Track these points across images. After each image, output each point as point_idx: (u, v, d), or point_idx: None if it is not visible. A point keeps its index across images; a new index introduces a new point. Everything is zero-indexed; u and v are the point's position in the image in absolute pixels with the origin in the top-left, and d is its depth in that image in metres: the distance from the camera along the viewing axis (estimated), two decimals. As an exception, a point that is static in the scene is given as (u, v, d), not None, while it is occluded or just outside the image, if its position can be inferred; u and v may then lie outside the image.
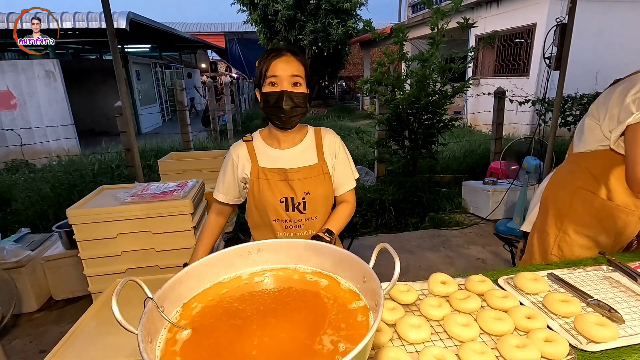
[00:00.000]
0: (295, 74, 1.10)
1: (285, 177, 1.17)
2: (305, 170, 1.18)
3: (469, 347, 0.78)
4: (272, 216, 1.19)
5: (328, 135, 1.25)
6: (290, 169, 1.17)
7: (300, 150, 1.21)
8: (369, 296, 0.66)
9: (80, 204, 1.49)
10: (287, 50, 1.13)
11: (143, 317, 0.56)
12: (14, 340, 2.25)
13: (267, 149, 1.20)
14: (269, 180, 1.17)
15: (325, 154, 1.22)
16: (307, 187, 1.17)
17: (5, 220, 3.62)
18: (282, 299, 0.70)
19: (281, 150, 1.20)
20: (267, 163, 1.18)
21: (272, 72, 1.09)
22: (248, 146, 1.20)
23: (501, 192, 3.60)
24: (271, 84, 1.10)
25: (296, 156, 1.20)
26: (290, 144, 1.21)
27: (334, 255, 0.75)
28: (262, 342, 0.59)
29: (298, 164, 1.19)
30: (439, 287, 1.02)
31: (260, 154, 1.19)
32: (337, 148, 1.24)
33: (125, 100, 3.15)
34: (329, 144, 1.23)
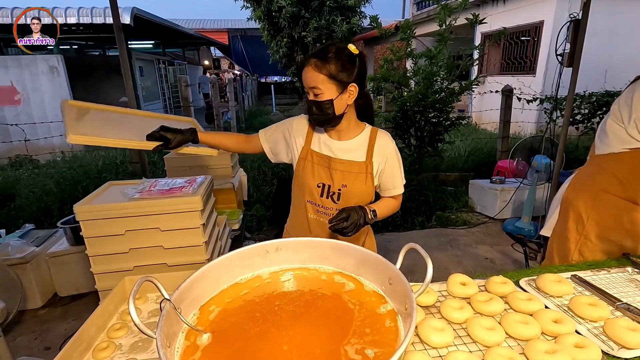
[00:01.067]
0: (313, 85, 1.12)
1: (328, 164, 1.22)
2: (348, 164, 1.21)
3: (496, 352, 0.75)
4: (307, 197, 1.26)
5: (383, 138, 1.25)
6: (335, 158, 1.22)
7: (351, 145, 1.23)
8: (397, 299, 0.63)
9: (87, 200, 1.46)
10: (313, 55, 1.13)
11: (161, 321, 0.52)
12: (19, 337, 2.23)
13: (323, 135, 1.25)
14: (314, 162, 1.23)
15: (374, 155, 1.23)
16: (345, 180, 1.21)
17: (9, 216, 3.60)
18: (303, 301, 0.67)
19: (334, 141, 1.24)
20: (318, 147, 1.24)
21: (304, 83, 1.15)
22: (310, 125, 1.26)
23: (509, 191, 3.55)
24: (306, 91, 1.17)
25: (346, 149, 1.23)
26: (343, 137, 1.24)
27: (356, 255, 0.72)
28: (285, 349, 0.56)
29: (345, 156, 1.22)
30: (458, 289, 0.99)
31: (316, 137, 1.25)
32: (390, 152, 1.24)
33: (132, 96, 3.11)
34: (382, 146, 1.24)
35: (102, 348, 1.08)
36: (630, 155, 1.22)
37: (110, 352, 1.07)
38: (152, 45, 14.37)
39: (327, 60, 1.10)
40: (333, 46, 1.13)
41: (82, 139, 1.16)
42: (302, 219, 1.29)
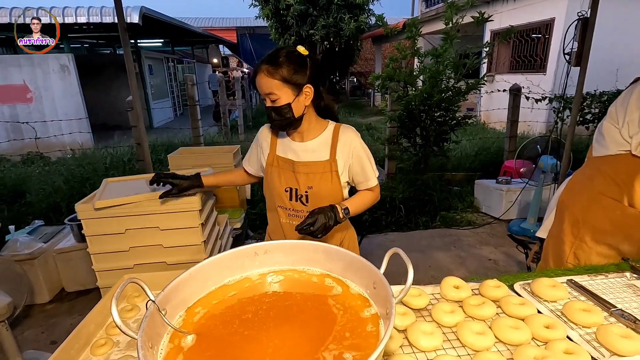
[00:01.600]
0: (268, 92, 1.13)
1: (292, 167, 1.23)
2: (312, 165, 1.22)
3: (484, 356, 0.75)
4: (277, 202, 1.28)
5: (347, 133, 1.24)
6: (298, 161, 1.22)
7: (313, 146, 1.23)
8: (380, 303, 0.63)
9: (88, 199, 1.49)
10: (264, 61, 1.13)
11: (144, 322, 0.53)
12: (27, 331, 2.29)
13: (286, 139, 1.27)
14: (280, 168, 1.25)
15: (338, 152, 1.22)
16: (310, 182, 1.21)
17: (19, 212, 3.69)
18: (290, 303, 0.67)
19: (296, 143, 1.25)
20: (282, 152, 1.26)
21: (259, 90, 1.16)
22: (273, 132, 1.29)
23: (515, 191, 3.51)
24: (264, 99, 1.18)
25: (308, 151, 1.23)
26: (304, 138, 1.24)
27: (343, 258, 0.72)
28: (268, 351, 0.57)
29: (307, 158, 1.23)
30: (451, 292, 0.99)
31: (280, 142, 1.27)
32: (355, 147, 1.23)
33: (136, 95, 3.15)
34: (346, 142, 1.23)
35: (100, 344, 1.10)
36: (626, 158, 1.19)
37: (108, 349, 1.10)
38: (161, 43, 14.51)
39: (278, 64, 1.10)
40: (282, 50, 1.13)
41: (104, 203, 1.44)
42: (276, 223, 1.31)
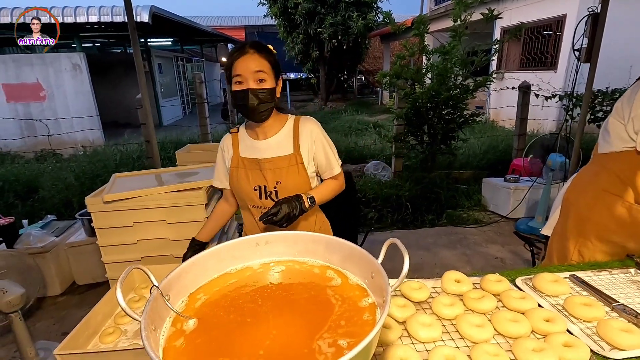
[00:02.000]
0: (259, 69, 1.11)
1: (259, 166, 1.23)
2: (277, 160, 1.22)
3: (482, 348, 0.75)
4: (248, 202, 1.28)
5: (307, 124, 1.26)
6: (263, 159, 1.22)
7: (276, 141, 1.24)
8: (377, 293, 0.64)
9: (98, 193, 1.53)
10: (250, 45, 1.14)
11: (147, 305, 0.55)
12: (39, 322, 2.35)
13: (247, 139, 1.26)
14: (246, 169, 1.24)
15: (301, 144, 1.24)
16: (278, 177, 1.22)
17: (33, 207, 3.78)
18: (289, 293, 0.69)
19: (259, 141, 1.25)
20: (246, 153, 1.25)
21: (237, 70, 1.11)
22: (233, 137, 1.28)
23: (523, 189, 3.48)
24: (238, 83, 1.13)
25: (271, 147, 1.24)
26: (267, 135, 1.25)
27: (342, 249, 0.73)
28: (267, 337, 0.58)
29: (272, 154, 1.23)
30: (452, 286, 0.99)
31: (242, 144, 1.26)
32: (316, 136, 1.25)
33: (145, 93, 3.20)
34: (307, 133, 1.25)
35: (109, 333, 1.14)
36: (631, 155, 1.18)
37: (116, 337, 1.13)
38: (170, 42, 14.65)
39: (265, 50, 1.14)
40: (259, 42, 1.15)
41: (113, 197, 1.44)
42: (251, 222, 1.32)
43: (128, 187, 1.52)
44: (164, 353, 0.55)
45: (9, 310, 1.76)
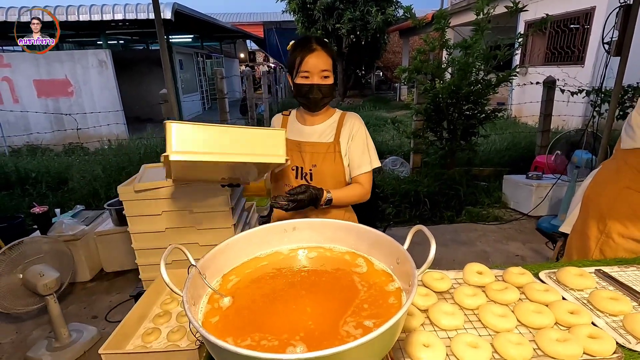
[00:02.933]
0: (325, 68, 1.23)
1: (299, 148, 1.33)
2: (317, 145, 1.32)
3: (505, 337, 0.76)
4: (284, 180, 1.36)
5: (351, 119, 1.36)
6: (304, 142, 1.33)
7: (320, 129, 1.35)
8: (403, 278, 0.66)
9: (129, 182, 1.60)
10: (317, 42, 1.24)
11: (187, 282, 0.59)
12: (70, 306, 2.48)
13: (295, 123, 1.37)
14: (288, 149, 1.26)
15: (341, 136, 1.34)
16: (315, 161, 1.31)
17: (63, 198, 3.96)
18: (317, 276, 0.72)
19: (305, 127, 1.36)
20: (291, 135, 1.34)
21: (305, 67, 1.23)
22: (283, 119, 1.40)
23: (546, 187, 3.40)
24: (304, 77, 1.24)
25: (315, 133, 1.35)
26: (314, 122, 1.36)
27: (369, 236, 0.76)
28: (296, 316, 0.61)
29: (314, 139, 1.34)
30: (474, 277, 1.00)
31: (289, 126, 1.37)
32: (356, 131, 1.34)
33: (170, 88, 3.29)
34: (349, 126, 1.35)
35: (149, 333, 1.21)
36: None
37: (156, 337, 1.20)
38: (191, 39, 14.90)
39: (329, 47, 1.24)
40: (319, 37, 1.27)
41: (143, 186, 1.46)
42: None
43: (157, 177, 1.59)
44: (203, 324, 0.59)
45: (45, 292, 1.87)
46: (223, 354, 0.50)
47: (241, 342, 0.55)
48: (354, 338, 0.54)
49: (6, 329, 2.26)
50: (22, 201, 3.88)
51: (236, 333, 0.57)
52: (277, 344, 0.54)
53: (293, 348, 0.53)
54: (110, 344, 1.11)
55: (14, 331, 2.24)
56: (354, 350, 0.45)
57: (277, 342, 0.54)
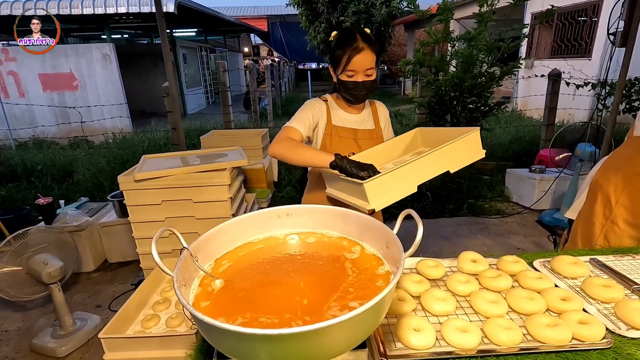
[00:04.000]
0: (370, 67, 1.27)
1: (354, 135, 1.39)
2: (369, 132, 1.42)
3: (495, 322, 0.77)
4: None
5: (382, 107, 1.50)
6: (360, 129, 1.40)
7: (364, 117, 1.43)
8: (392, 261, 0.67)
9: (129, 172, 1.62)
10: (364, 40, 1.25)
11: (178, 263, 0.61)
12: (75, 295, 2.52)
13: (339, 111, 1.41)
14: (340, 136, 1.38)
15: (380, 122, 1.46)
16: (368, 147, 1.38)
17: (68, 190, 4.01)
18: (309, 260, 0.73)
19: (351, 115, 1.41)
20: (340, 122, 1.39)
21: (352, 66, 1.25)
22: (327, 107, 1.40)
23: (549, 180, 3.38)
24: (349, 75, 1.28)
25: (361, 121, 1.42)
26: (357, 110, 1.42)
27: (359, 221, 0.77)
28: (287, 297, 0.62)
29: (364, 126, 1.42)
30: (468, 265, 1.01)
31: (335, 114, 1.40)
32: (387, 118, 1.49)
33: (172, 80, 3.31)
34: (383, 115, 1.48)
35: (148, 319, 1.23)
36: None
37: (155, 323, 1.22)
38: (194, 33, 14.88)
39: (373, 43, 1.27)
40: (362, 29, 1.28)
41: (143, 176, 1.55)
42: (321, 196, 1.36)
43: (157, 167, 1.60)
44: (194, 305, 0.60)
45: (49, 281, 1.90)
46: (212, 332, 0.51)
47: (231, 322, 0.56)
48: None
49: (12, 317, 2.30)
50: (28, 193, 3.94)
51: (227, 314, 0.58)
52: (264, 322, 0.55)
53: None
54: (110, 329, 1.13)
55: (20, 319, 2.29)
56: (336, 327, 0.46)
57: (265, 320, 0.55)
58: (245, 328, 0.44)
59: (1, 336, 2.16)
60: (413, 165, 1.09)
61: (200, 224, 1.64)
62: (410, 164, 1.08)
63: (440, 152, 1.14)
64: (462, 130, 1.30)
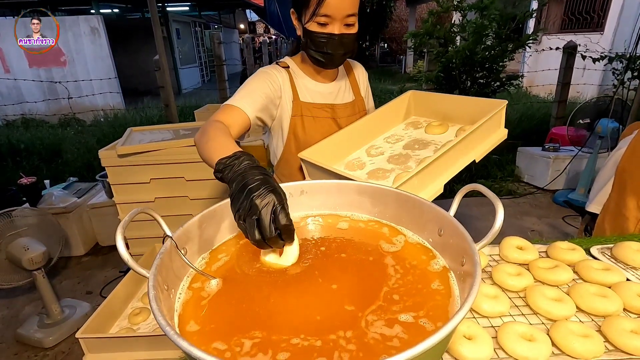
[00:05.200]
0: (351, 12, 0.89)
1: (332, 113, 1.04)
2: (350, 106, 1.08)
3: (566, 327, 0.61)
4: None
5: (359, 69, 1.14)
6: (337, 104, 1.05)
7: (340, 87, 1.08)
8: (449, 254, 0.50)
9: (112, 146, 1.43)
10: None
11: (158, 258, 0.43)
12: (64, 281, 2.37)
13: (306, 81, 1.03)
14: (314, 117, 1.02)
15: (361, 91, 1.13)
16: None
17: (57, 170, 3.81)
18: (332, 252, 0.56)
19: (322, 85, 1.05)
20: (309, 97, 1.03)
21: (325, 10, 0.87)
22: (289, 74, 1.01)
23: (564, 159, 3.21)
24: (321, 24, 0.90)
25: (337, 92, 1.07)
26: (328, 78, 1.07)
27: (397, 200, 0.59)
28: (306, 305, 0.45)
29: (341, 99, 1.07)
30: (514, 253, 0.84)
31: (300, 86, 1.02)
32: (367, 85, 1.16)
33: (162, 53, 3.06)
34: (363, 80, 1.15)
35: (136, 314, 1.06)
36: None
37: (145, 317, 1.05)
38: (188, 7, 14.27)
39: None
40: None
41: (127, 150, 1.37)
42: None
43: (144, 140, 1.41)
44: (180, 320, 0.43)
45: (32, 267, 1.74)
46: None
47: (235, 346, 0.39)
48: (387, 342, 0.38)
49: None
50: (15, 174, 3.73)
51: (228, 332, 0.41)
52: (283, 345, 0.38)
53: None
54: (91, 326, 0.97)
55: (5, 307, 2.15)
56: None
57: (284, 342, 0.39)
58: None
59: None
60: (439, 161, 0.86)
61: (194, 205, 1.46)
62: (435, 160, 0.84)
63: (470, 137, 0.92)
64: (470, 101, 1.07)
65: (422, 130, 1.08)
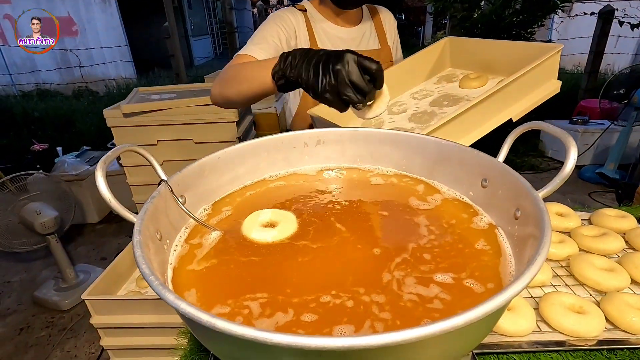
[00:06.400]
0: None
1: None
2: (373, 55, 0.93)
3: (621, 299, 0.53)
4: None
5: (387, 15, 1.02)
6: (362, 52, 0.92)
7: (364, 32, 0.96)
8: (496, 208, 0.42)
9: (117, 106, 1.37)
10: None
11: (148, 202, 0.37)
12: (79, 247, 2.40)
13: (325, 24, 0.92)
14: None
15: (388, 39, 1.01)
16: None
17: (71, 140, 3.82)
18: (354, 209, 0.48)
19: (343, 29, 0.93)
20: (329, 43, 0.91)
21: None
22: (305, 18, 0.90)
23: (593, 133, 3.02)
24: None
25: (359, 37, 0.95)
26: (351, 22, 0.94)
27: (430, 149, 0.50)
28: (323, 265, 0.38)
29: (365, 46, 0.95)
30: (554, 220, 0.75)
31: (317, 30, 0.90)
32: (396, 33, 1.05)
33: (172, 19, 2.95)
34: (390, 27, 1.02)
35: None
36: None
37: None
38: (199, -25, 13.84)
39: None
40: None
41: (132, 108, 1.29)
42: None
43: (150, 100, 1.34)
44: (175, 275, 0.36)
45: (44, 232, 1.74)
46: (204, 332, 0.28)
47: (237, 308, 0.32)
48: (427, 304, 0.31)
49: (15, 268, 2.20)
50: (30, 143, 3.77)
51: (229, 294, 0.35)
52: (292, 316, 0.31)
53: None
54: (97, 289, 0.94)
55: (23, 270, 2.19)
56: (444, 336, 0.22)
57: (292, 311, 0.32)
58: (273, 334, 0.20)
59: (3, 287, 2.06)
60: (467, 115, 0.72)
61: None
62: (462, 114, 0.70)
63: (512, 87, 0.78)
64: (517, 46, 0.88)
65: (455, 84, 0.95)
